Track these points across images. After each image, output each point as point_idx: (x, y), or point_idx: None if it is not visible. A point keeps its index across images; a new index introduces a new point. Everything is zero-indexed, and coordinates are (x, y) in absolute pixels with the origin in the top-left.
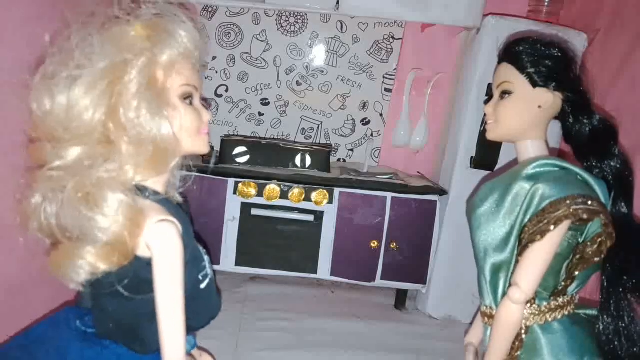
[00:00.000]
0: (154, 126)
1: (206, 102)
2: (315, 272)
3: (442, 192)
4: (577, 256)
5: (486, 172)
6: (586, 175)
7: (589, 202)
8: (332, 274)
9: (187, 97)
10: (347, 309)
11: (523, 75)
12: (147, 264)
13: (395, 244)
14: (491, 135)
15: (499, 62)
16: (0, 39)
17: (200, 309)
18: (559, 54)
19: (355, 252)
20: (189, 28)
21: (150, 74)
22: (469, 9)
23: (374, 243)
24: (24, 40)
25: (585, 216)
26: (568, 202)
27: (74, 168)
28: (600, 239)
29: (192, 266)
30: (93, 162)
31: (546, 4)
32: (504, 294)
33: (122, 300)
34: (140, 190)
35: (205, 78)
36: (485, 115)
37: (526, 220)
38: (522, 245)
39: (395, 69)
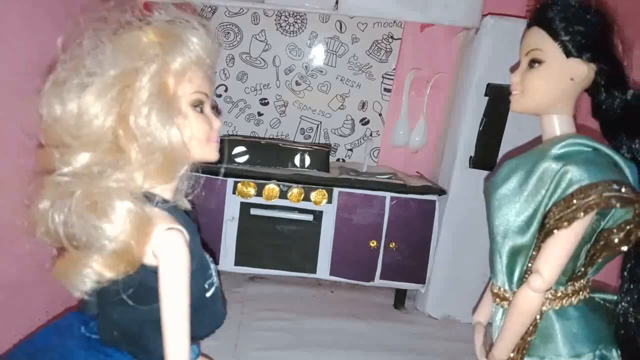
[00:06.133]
0: (164, 134)
1: (217, 109)
2: (315, 272)
3: (441, 192)
4: (601, 242)
5: (485, 172)
6: (616, 157)
7: (623, 190)
8: (331, 274)
9: (197, 105)
10: (346, 308)
11: (556, 42)
12: (153, 272)
13: (394, 244)
14: (516, 107)
15: (529, 26)
16: (8, 42)
17: (205, 318)
18: (597, 19)
19: (354, 251)
20: (201, 35)
21: (161, 81)
22: (468, 9)
23: (373, 243)
24: (34, 45)
25: (618, 205)
26: (600, 188)
27: (82, 175)
28: (629, 227)
29: (198, 275)
30: (102, 169)
31: None
32: (520, 277)
33: (127, 308)
34: (149, 197)
35: None
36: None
37: (551, 203)
38: (546, 231)
39: (394, 69)
